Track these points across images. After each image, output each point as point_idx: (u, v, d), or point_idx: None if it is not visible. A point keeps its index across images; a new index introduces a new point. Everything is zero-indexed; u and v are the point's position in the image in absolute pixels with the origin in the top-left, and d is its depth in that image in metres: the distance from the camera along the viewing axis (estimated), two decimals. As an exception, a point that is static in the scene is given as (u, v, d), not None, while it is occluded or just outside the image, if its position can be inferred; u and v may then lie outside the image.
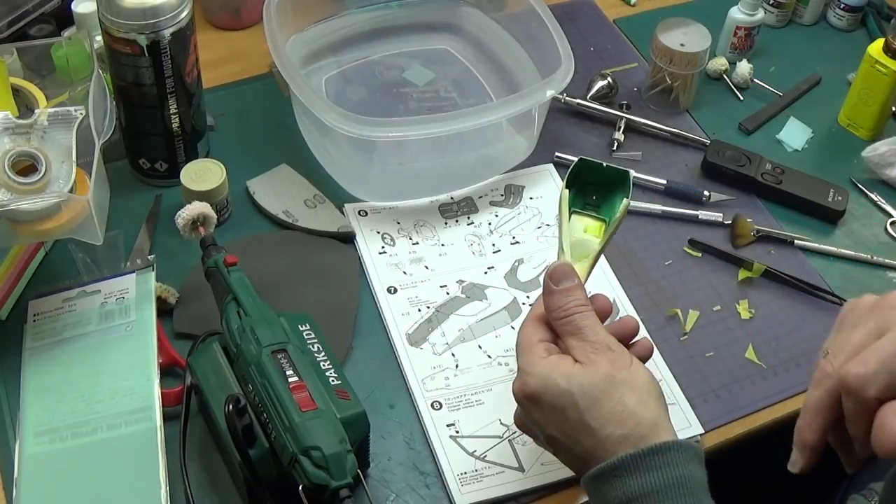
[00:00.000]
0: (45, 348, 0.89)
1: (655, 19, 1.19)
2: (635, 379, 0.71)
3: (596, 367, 0.71)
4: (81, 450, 0.82)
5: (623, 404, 0.70)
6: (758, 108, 1.21)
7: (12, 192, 0.83)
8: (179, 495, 0.80)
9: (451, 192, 1.07)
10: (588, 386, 0.70)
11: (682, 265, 1.03)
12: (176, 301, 0.94)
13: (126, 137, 1.03)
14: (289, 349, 0.79)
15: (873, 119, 1.16)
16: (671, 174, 1.11)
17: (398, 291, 0.97)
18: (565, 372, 0.71)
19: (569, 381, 0.71)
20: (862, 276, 1.04)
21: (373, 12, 1.21)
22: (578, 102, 1.16)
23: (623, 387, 0.70)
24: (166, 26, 0.93)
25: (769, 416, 0.91)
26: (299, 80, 0.99)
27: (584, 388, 0.70)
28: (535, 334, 0.76)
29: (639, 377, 0.71)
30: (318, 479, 0.71)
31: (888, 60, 1.12)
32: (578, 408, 0.70)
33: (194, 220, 0.89)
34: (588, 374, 0.71)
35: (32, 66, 1.00)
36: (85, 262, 0.95)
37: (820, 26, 1.35)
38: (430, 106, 1.15)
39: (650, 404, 0.70)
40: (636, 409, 0.69)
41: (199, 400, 0.84)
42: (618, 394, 0.70)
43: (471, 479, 0.83)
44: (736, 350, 0.96)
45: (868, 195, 1.12)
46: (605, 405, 0.70)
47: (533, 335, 0.76)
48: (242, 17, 1.24)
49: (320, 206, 1.03)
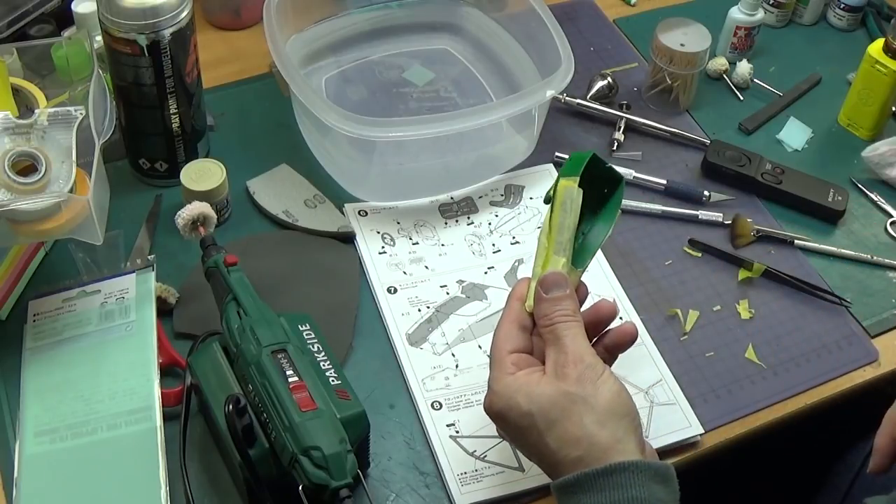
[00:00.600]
0: (45, 348, 0.89)
1: (655, 19, 1.19)
2: (598, 397, 0.70)
3: (561, 382, 0.71)
4: (81, 450, 0.82)
5: (581, 426, 0.70)
6: (758, 108, 1.21)
7: (12, 192, 0.83)
8: (179, 495, 0.80)
9: (451, 192, 1.07)
10: (548, 407, 0.70)
11: (682, 265, 1.03)
12: (176, 301, 0.94)
13: (126, 137, 1.03)
14: (289, 349, 0.79)
15: (873, 119, 1.16)
16: (671, 174, 1.11)
17: (398, 291, 0.97)
18: (528, 391, 0.71)
19: (530, 401, 0.71)
20: (862, 276, 1.04)
21: (373, 12, 1.21)
22: (578, 102, 1.16)
23: (583, 405, 0.70)
24: (166, 26, 0.93)
25: (769, 416, 0.91)
26: (299, 80, 0.99)
27: (544, 410, 0.70)
28: (506, 343, 0.75)
29: (602, 394, 0.71)
30: (318, 479, 0.71)
31: (888, 60, 1.12)
32: (538, 429, 0.71)
33: (194, 220, 0.89)
34: (550, 392, 0.71)
35: (32, 66, 1.00)
36: (85, 262, 0.95)
37: (820, 26, 1.35)
38: (430, 106, 1.15)
39: (608, 425, 0.70)
40: (592, 430, 0.69)
41: (199, 400, 0.84)
42: (577, 414, 0.70)
43: (471, 479, 0.83)
44: (736, 350, 0.96)
45: (868, 195, 1.12)
46: (564, 426, 0.70)
47: (504, 345, 0.75)
48: (242, 17, 1.24)
49: (320, 206, 1.03)
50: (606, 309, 0.78)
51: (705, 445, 0.89)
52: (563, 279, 0.76)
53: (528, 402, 0.71)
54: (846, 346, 0.97)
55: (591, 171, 0.82)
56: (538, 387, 0.71)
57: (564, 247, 0.79)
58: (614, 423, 0.70)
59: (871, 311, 1.00)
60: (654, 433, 0.87)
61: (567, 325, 0.74)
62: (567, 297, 0.75)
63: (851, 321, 0.99)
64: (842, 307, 1.00)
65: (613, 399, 0.71)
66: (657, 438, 0.87)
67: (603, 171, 0.84)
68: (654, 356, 0.94)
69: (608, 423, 0.70)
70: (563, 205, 0.79)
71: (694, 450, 0.88)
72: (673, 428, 0.88)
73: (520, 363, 0.74)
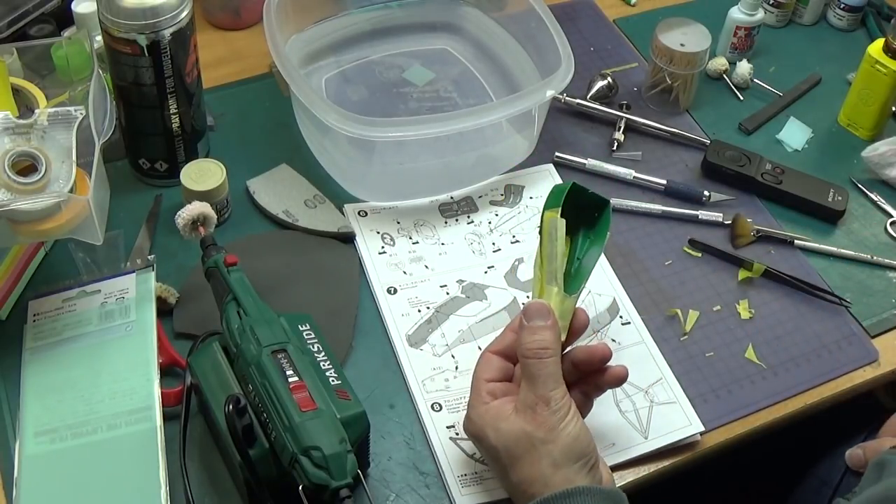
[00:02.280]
0: (45, 348, 0.89)
1: (655, 19, 1.19)
2: (557, 442, 0.74)
3: (526, 424, 0.75)
4: (81, 450, 0.82)
5: (539, 468, 0.74)
6: (758, 108, 1.21)
7: (12, 192, 0.83)
8: (179, 495, 0.80)
9: (451, 192, 1.07)
10: (512, 444, 0.75)
11: (682, 265, 1.03)
12: (176, 301, 0.93)
13: (126, 137, 1.03)
14: (289, 349, 0.79)
15: (873, 119, 1.16)
16: (671, 174, 1.11)
17: (398, 292, 0.97)
18: (496, 426, 0.76)
19: (497, 435, 0.76)
20: (862, 276, 1.04)
21: (373, 12, 1.21)
22: (578, 102, 1.16)
23: (542, 449, 0.74)
24: (166, 26, 0.93)
25: (769, 416, 0.91)
26: (299, 80, 0.99)
27: (508, 447, 0.75)
28: (485, 371, 0.80)
29: (561, 439, 0.74)
30: (318, 479, 0.71)
31: (888, 60, 1.12)
32: (503, 463, 0.76)
33: (194, 220, 0.89)
34: (514, 431, 0.75)
35: (32, 66, 1.00)
36: (85, 262, 0.95)
37: (820, 26, 1.35)
38: (430, 106, 1.15)
39: (563, 467, 0.73)
40: (548, 472, 0.73)
41: (199, 400, 0.84)
42: (536, 457, 0.74)
43: (471, 482, 0.83)
44: (736, 350, 0.96)
45: (868, 195, 1.12)
46: (523, 465, 0.74)
47: (484, 371, 0.80)
48: (242, 17, 1.24)
49: (320, 206, 1.03)
50: (601, 353, 0.80)
51: (705, 445, 0.89)
52: (545, 310, 0.79)
53: (495, 437, 0.76)
54: (846, 346, 0.97)
55: (578, 200, 0.87)
56: (506, 423, 0.76)
57: (556, 275, 0.82)
58: (569, 465, 0.74)
59: (871, 311, 1.00)
60: (654, 433, 0.87)
61: (542, 362, 0.76)
62: (547, 328, 0.78)
63: (851, 321, 0.99)
64: (842, 307, 1.00)
65: (571, 444, 0.74)
66: (657, 438, 0.87)
67: (588, 197, 0.88)
68: (655, 356, 0.94)
69: (563, 465, 0.74)
70: (549, 235, 0.84)
71: (694, 450, 0.88)
72: (673, 427, 0.88)
73: (496, 392, 0.79)
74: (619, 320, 0.96)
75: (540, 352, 0.76)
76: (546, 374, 0.75)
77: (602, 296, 0.98)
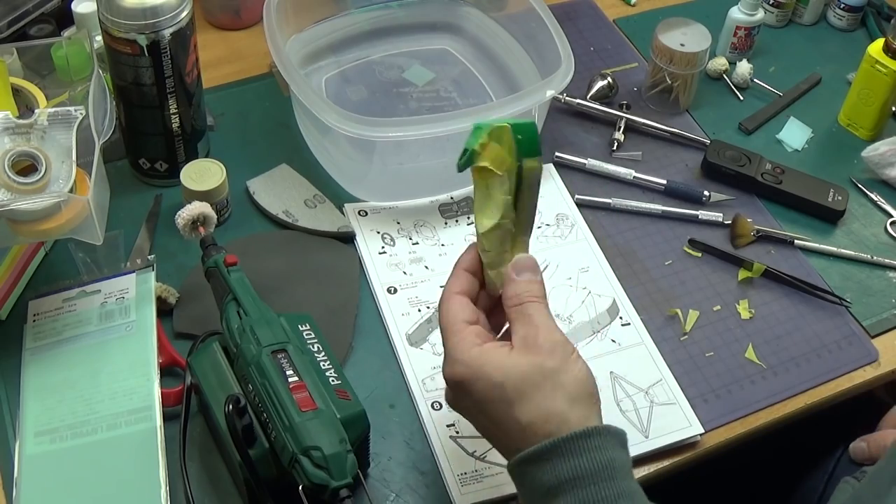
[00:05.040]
0: (45, 348, 0.89)
1: (655, 19, 1.19)
2: (569, 374, 0.70)
3: (533, 356, 0.70)
4: (81, 450, 0.82)
5: (553, 401, 0.68)
6: (758, 108, 1.21)
7: (12, 192, 0.83)
8: (179, 495, 0.80)
9: (451, 192, 1.07)
10: (520, 379, 0.69)
11: (682, 265, 1.03)
12: (176, 301, 0.93)
13: (126, 137, 1.03)
14: (289, 349, 0.79)
15: (873, 119, 1.16)
16: (671, 174, 1.11)
17: (398, 291, 0.97)
18: (499, 363, 0.70)
19: (502, 373, 0.69)
20: (862, 276, 1.04)
21: (373, 12, 1.21)
22: (578, 102, 1.16)
23: (555, 381, 0.69)
24: (166, 26, 0.93)
25: (769, 416, 0.91)
26: (299, 80, 0.99)
27: (516, 382, 0.69)
28: (461, 313, 0.74)
29: (573, 373, 0.70)
30: (318, 479, 0.71)
31: (888, 60, 1.12)
32: (507, 401, 0.69)
33: (194, 220, 0.89)
34: (522, 365, 0.69)
35: (32, 66, 1.00)
36: (85, 262, 0.95)
37: (820, 26, 1.35)
38: (430, 106, 1.15)
39: (579, 404, 0.69)
40: (564, 408, 0.68)
41: (199, 400, 0.84)
42: (549, 389, 0.69)
43: (471, 480, 0.83)
44: (736, 350, 0.96)
45: (868, 195, 1.12)
46: (535, 400, 0.69)
47: (459, 314, 0.74)
48: (242, 17, 1.24)
49: (320, 206, 1.03)
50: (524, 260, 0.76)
51: (705, 445, 0.89)
52: (534, 264, 0.75)
53: (499, 374, 0.69)
54: (846, 346, 0.97)
55: None
56: (509, 359, 0.70)
57: (530, 226, 0.78)
58: (584, 402, 0.69)
59: (871, 311, 1.00)
60: (654, 433, 0.87)
61: (537, 304, 0.73)
62: (538, 282, 0.75)
63: (851, 321, 0.99)
64: (842, 307, 1.00)
65: (585, 379, 0.70)
66: (657, 438, 0.87)
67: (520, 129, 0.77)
68: (655, 356, 0.94)
69: (578, 402, 0.69)
70: (531, 188, 0.77)
71: (694, 450, 0.88)
72: (673, 428, 0.88)
73: (481, 335, 0.73)
74: (618, 321, 0.96)
75: (534, 298, 0.73)
76: (544, 313, 0.72)
77: (602, 296, 0.98)
